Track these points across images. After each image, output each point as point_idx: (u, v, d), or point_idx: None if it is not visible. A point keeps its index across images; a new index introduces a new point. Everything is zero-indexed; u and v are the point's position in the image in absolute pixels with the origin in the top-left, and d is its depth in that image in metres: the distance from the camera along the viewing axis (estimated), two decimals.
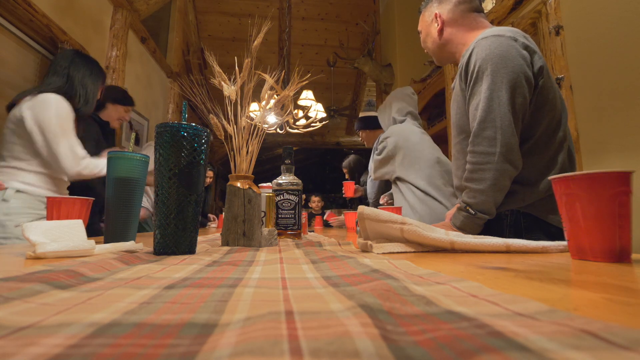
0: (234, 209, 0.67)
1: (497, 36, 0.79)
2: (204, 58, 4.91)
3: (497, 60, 0.76)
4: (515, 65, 0.76)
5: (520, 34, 0.81)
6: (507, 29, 0.81)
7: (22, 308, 0.20)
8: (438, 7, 0.98)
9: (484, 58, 0.78)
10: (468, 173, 0.79)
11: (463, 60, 0.85)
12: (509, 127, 0.75)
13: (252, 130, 0.75)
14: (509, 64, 0.76)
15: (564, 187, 0.41)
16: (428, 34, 1.01)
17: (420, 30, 1.05)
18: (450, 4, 0.95)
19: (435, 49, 1.00)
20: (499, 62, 0.76)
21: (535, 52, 0.80)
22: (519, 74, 0.76)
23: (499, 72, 0.76)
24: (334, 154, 8.31)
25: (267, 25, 0.79)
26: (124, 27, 2.83)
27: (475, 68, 0.79)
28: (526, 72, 0.77)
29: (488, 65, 0.77)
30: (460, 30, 0.94)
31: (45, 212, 1.22)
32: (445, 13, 0.96)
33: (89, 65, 1.35)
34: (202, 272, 0.34)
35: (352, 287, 0.26)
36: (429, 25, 1.00)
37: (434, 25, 0.98)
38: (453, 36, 0.95)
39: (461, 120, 0.90)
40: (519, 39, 0.79)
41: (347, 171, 2.68)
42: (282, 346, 0.14)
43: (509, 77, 0.75)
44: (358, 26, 5.12)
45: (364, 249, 0.56)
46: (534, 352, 0.12)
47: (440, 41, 0.98)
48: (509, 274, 0.31)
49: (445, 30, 0.96)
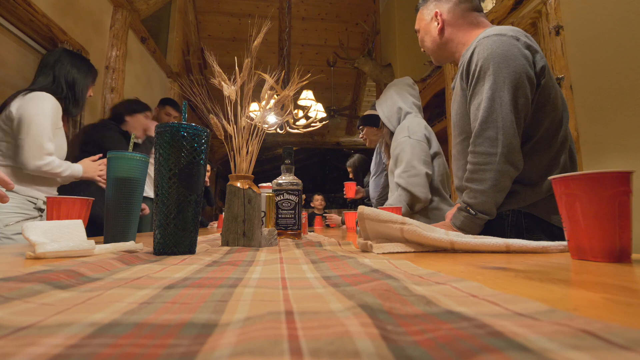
0: (234, 209, 0.67)
1: (499, 35, 0.78)
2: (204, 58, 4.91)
3: (499, 60, 0.76)
4: (518, 64, 0.75)
5: (522, 33, 0.80)
6: (509, 28, 0.81)
7: (22, 308, 0.20)
8: (437, 5, 0.96)
9: (486, 57, 0.77)
10: (469, 173, 0.79)
11: (464, 59, 0.84)
12: (510, 127, 0.74)
13: (252, 130, 0.75)
14: (511, 64, 0.75)
15: (564, 187, 0.41)
16: (427, 33, 1.00)
17: (417, 29, 1.03)
18: (450, 2, 0.94)
19: (434, 48, 0.99)
20: (501, 62, 0.76)
21: (537, 51, 0.79)
22: (521, 74, 0.75)
23: (501, 71, 0.75)
24: (334, 154, 8.32)
25: (267, 25, 0.79)
26: (124, 27, 2.83)
27: (477, 67, 0.79)
28: (528, 72, 0.76)
29: (490, 65, 0.76)
30: (461, 29, 0.93)
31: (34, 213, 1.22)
32: (445, 12, 0.94)
33: (76, 63, 1.34)
34: (202, 272, 0.34)
35: (352, 287, 0.26)
36: (428, 23, 0.99)
37: (433, 24, 0.97)
38: (454, 35, 0.94)
39: (461, 121, 0.89)
40: (521, 38, 0.78)
41: (351, 170, 2.65)
42: (282, 346, 0.14)
43: (511, 77, 0.75)
44: (358, 26, 5.12)
45: (364, 249, 0.56)
46: (534, 352, 0.12)
47: (441, 41, 0.96)
48: (509, 274, 0.31)
49: (445, 30, 0.95)
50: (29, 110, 1.15)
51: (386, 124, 1.59)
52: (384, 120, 1.59)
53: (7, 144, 1.19)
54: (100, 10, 2.64)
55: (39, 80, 1.27)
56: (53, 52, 1.34)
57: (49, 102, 1.20)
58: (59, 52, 1.34)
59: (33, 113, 1.16)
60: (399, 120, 1.55)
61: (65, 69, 1.30)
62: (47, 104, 1.20)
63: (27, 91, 1.20)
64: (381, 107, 1.63)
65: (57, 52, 1.33)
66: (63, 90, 1.28)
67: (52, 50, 1.57)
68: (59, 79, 1.28)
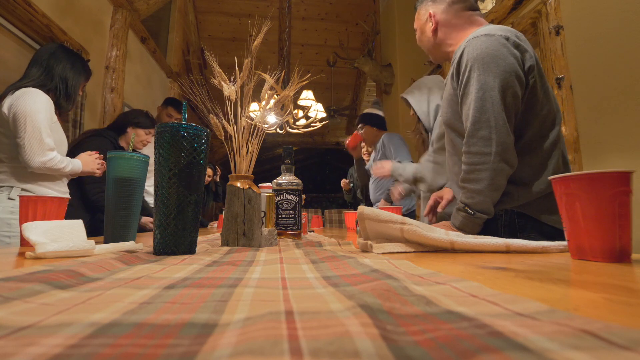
0: (234, 209, 0.67)
1: (487, 35, 0.79)
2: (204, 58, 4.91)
3: (488, 60, 0.76)
4: (507, 64, 0.76)
5: (512, 32, 0.81)
6: (498, 28, 0.81)
7: (22, 308, 0.20)
8: (432, 5, 0.97)
9: (475, 57, 0.78)
10: (464, 174, 0.80)
11: (455, 58, 0.85)
12: (503, 126, 0.75)
13: (252, 130, 0.75)
14: (500, 63, 0.76)
15: (564, 187, 0.41)
16: (423, 33, 1.01)
17: (416, 28, 1.04)
18: (444, 3, 0.95)
19: (430, 47, 1.00)
20: (490, 61, 0.76)
21: (527, 50, 0.80)
22: (510, 73, 0.76)
23: (491, 71, 0.76)
24: (334, 154, 8.31)
25: (267, 25, 0.79)
26: (124, 27, 2.83)
27: (467, 68, 0.79)
28: (517, 71, 0.77)
29: (479, 65, 0.77)
30: (454, 29, 0.94)
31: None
32: (439, 13, 0.95)
33: (70, 59, 1.33)
34: (202, 272, 0.34)
35: (352, 287, 0.26)
36: (424, 23, 1.00)
37: (428, 25, 0.98)
38: (447, 36, 0.95)
39: (452, 119, 0.91)
40: (511, 38, 0.79)
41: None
42: (282, 346, 0.14)
43: (501, 76, 0.75)
44: (358, 26, 5.11)
45: (364, 249, 0.56)
46: (534, 352, 0.12)
47: (435, 41, 0.97)
48: (509, 274, 0.31)
49: (439, 30, 0.96)
50: (20, 108, 1.14)
51: (422, 120, 1.56)
52: (421, 115, 1.56)
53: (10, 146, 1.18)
54: (100, 10, 2.64)
55: (30, 72, 1.24)
56: (47, 46, 1.33)
57: (39, 97, 1.18)
58: (55, 46, 1.32)
59: (26, 110, 1.14)
60: (435, 117, 1.54)
61: (60, 63, 1.28)
62: (38, 99, 1.18)
63: (14, 89, 1.18)
64: (419, 102, 1.58)
65: (52, 46, 1.32)
66: (54, 81, 1.26)
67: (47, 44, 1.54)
68: (51, 71, 1.26)
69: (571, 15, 1.73)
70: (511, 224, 0.81)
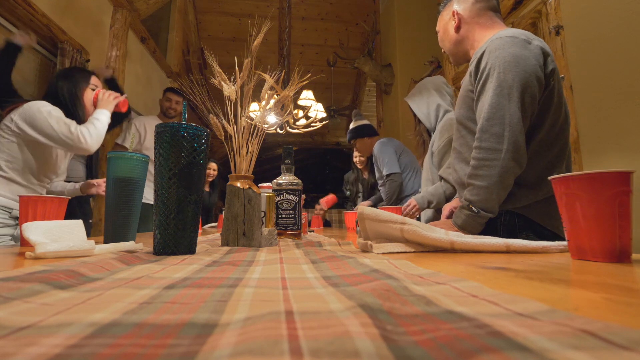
0: (234, 209, 0.67)
1: (511, 37, 0.80)
2: (204, 58, 4.91)
3: (510, 59, 0.77)
4: (528, 65, 0.76)
5: (534, 37, 0.82)
6: (521, 32, 0.82)
7: (22, 308, 0.20)
8: (457, 4, 0.99)
9: (497, 56, 0.78)
10: (472, 169, 0.79)
11: (475, 57, 0.85)
12: (517, 124, 0.74)
13: (252, 130, 0.75)
14: (521, 63, 0.76)
15: (564, 187, 0.41)
16: (445, 32, 1.03)
17: (438, 30, 1.07)
18: (468, 2, 0.97)
19: (451, 46, 1.02)
20: (511, 61, 0.76)
21: (549, 54, 0.81)
22: (531, 74, 0.76)
23: (511, 70, 0.76)
24: (334, 154, 8.31)
25: (267, 25, 0.79)
26: (124, 27, 2.83)
27: (488, 66, 0.80)
28: (538, 73, 0.77)
29: (500, 63, 0.77)
30: (476, 27, 0.95)
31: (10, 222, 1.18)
32: (462, 10, 0.97)
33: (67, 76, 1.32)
34: (202, 272, 0.34)
35: (352, 287, 0.26)
36: (447, 22, 1.02)
37: (451, 23, 1.00)
38: (469, 33, 0.96)
39: (464, 116, 0.91)
40: (533, 42, 0.80)
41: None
42: (282, 346, 0.14)
43: (521, 76, 0.75)
44: (358, 26, 5.11)
45: (364, 249, 0.56)
46: (534, 352, 0.12)
47: (457, 38, 0.99)
48: (509, 274, 0.31)
49: (462, 27, 0.97)
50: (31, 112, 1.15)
51: (423, 121, 1.56)
52: (421, 117, 1.56)
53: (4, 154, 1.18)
54: (100, 10, 2.64)
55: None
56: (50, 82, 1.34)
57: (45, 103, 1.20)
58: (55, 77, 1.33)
59: (35, 110, 1.15)
60: (437, 117, 1.54)
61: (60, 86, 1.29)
62: (45, 103, 1.19)
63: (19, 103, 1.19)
64: (418, 105, 1.59)
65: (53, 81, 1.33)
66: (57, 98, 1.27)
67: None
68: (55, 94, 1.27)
69: (571, 15, 1.73)
70: (511, 225, 0.81)
